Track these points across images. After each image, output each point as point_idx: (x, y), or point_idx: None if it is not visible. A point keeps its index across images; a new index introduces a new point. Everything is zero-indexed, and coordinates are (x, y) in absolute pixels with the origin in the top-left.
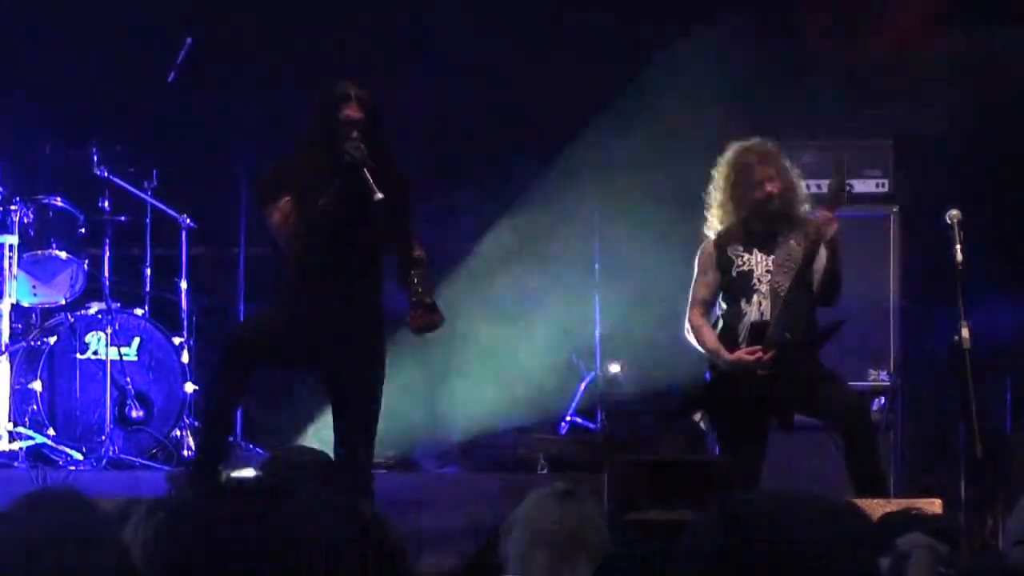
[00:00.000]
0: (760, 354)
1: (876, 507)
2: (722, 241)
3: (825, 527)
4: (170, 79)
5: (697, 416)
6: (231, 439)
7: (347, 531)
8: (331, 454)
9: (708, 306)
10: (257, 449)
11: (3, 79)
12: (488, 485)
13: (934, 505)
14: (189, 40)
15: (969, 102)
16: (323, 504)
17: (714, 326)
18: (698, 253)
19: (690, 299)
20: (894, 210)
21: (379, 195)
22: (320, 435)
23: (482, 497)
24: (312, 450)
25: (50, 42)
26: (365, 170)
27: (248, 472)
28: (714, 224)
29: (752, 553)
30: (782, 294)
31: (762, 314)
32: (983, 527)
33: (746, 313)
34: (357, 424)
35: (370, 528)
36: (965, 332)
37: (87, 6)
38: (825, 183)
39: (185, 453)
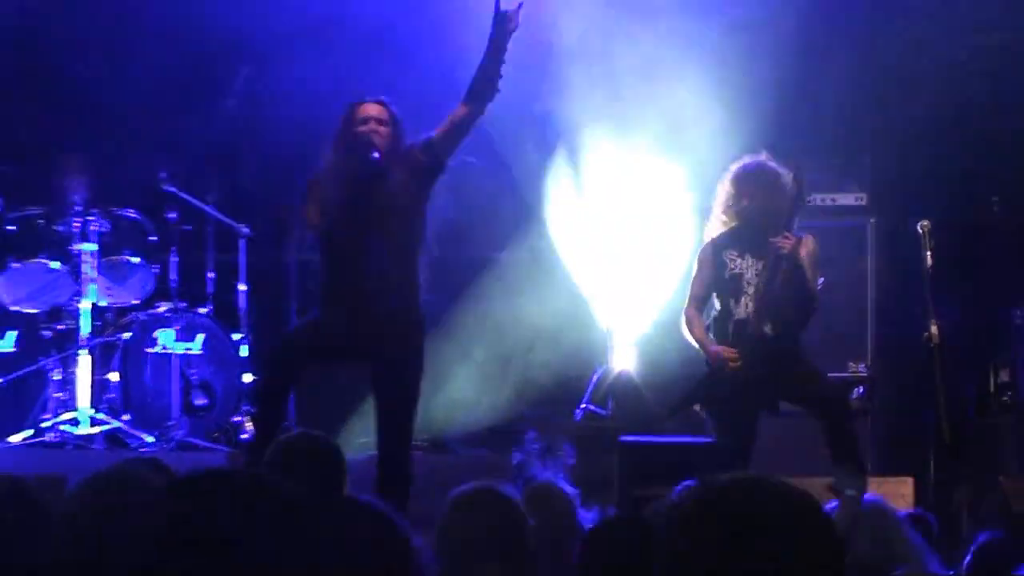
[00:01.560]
0: (734, 353)
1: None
2: (718, 245)
3: (779, 506)
4: (228, 104)
5: (696, 406)
6: (284, 424)
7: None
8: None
9: (702, 301)
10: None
11: (84, 108)
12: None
13: (906, 484)
14: (245, 70)
15: (936, 121)
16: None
17: (713, 322)
18: (698, 253)
19: (688, 294)
20: (871, 221)
21: (376, 154)
22: (363, 422)
23: (506, 476)
24: (314, 436)
25: (125, 75)
26: (373, 150)
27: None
28: (712, 230)
29: (716, 523)
30: (764, 296)
31: (747, 313)
32: (949, 504)
33: (735, 312)
34: (396, 412)
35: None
36: (934, 329)
37: (157, 46)
38: (830, 196)
39: (243, 436)
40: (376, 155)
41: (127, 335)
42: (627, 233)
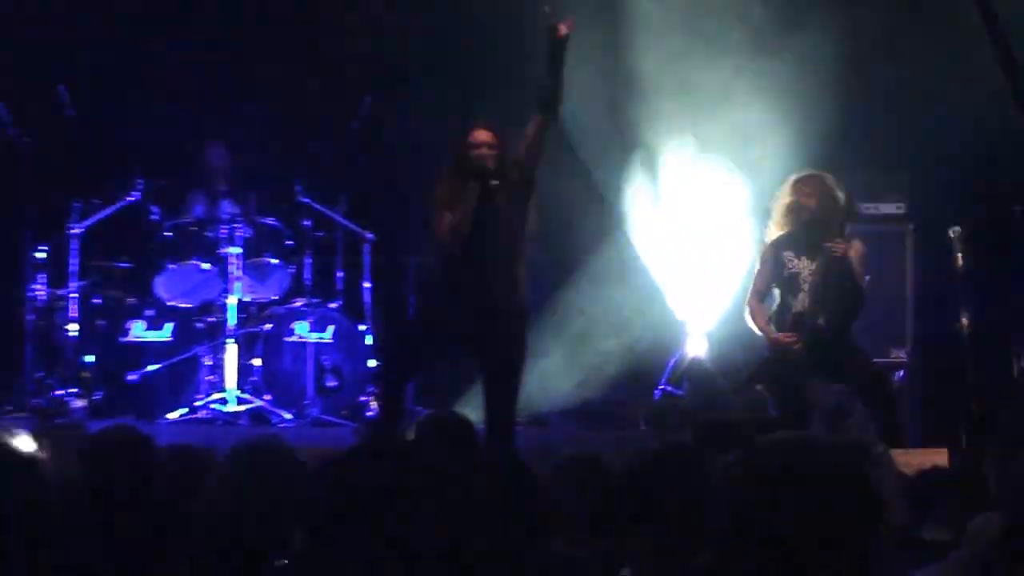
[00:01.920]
0: (794, 339)
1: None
2: (778, 247)
3: (824, 456)
4: (354, 127)
5: (759, 385)
6: (404, 403)
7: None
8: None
9: (763, 295)
10: (422, 410)
11: (230, 129)
12: (603, 437)
13: (942, 454)
14: (368, 98)
15: (965, 140)
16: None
17: (773, 313)
18: (760, 253)
19: (751, 288)
20: (909, 227)
21: (494, 182)
22: (473, 400)
23: (595, 447)
24: (455, 415)
25: (268, 101)
26: (488, 175)
27: None
28: (773, 232)
29: (767, 471)
30: (818, 291)
31: (804, 307)
32: (979, 468)
33: (792, 305)
34: (502, 391)
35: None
36: (964, 321)
37: (295, 78)
38: (874, 205)
39: (368, 414)
40: (493, 181)
41: (268, 326)
42: (697, 235)
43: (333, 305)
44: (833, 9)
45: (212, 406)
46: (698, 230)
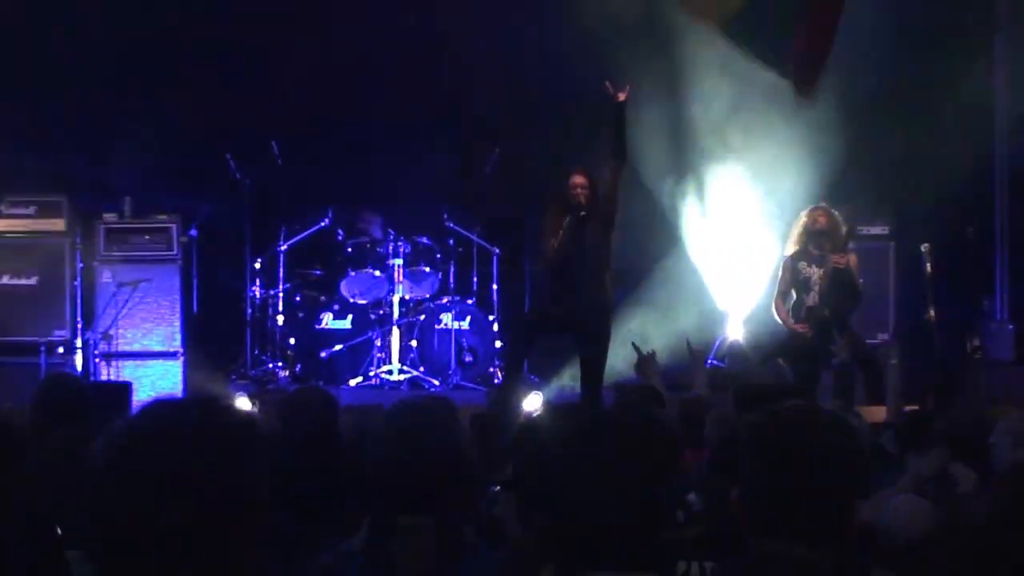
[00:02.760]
0: (806, 327)
1: (876, 412)
2: (795, 258)
3: (831, 425)
4: (487, 171)
5: (780, 360)
6: (521, 373)
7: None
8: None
9: (784, 295)
10: (535, 378)
11: (394, 175)
12: (670, 396)
13: (914, 408)
14: (497, 151)
15: (935, 180)
16: None
17: (792, 308)
18: (781, 263)
19: (775, 290)
20: (892, 244)
21: (584, 213)
22: (571, 372)
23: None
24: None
25: (418, 155)
26: (581, 209)
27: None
28: (791, 248)
29: (778, 431)
30: (825, 292)
31: (814, 303)
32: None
33: (806, 302)
34: (593, 367)
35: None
36: (931, 313)
37: (439, 136)
38: (866, 228)
39: (495, 381)
40: (583, 212)
41: (422, 317)
42: (736, 246)
43: (469, 301)
44: (841, 82)
45: (381, 376)
46: (736, 242)
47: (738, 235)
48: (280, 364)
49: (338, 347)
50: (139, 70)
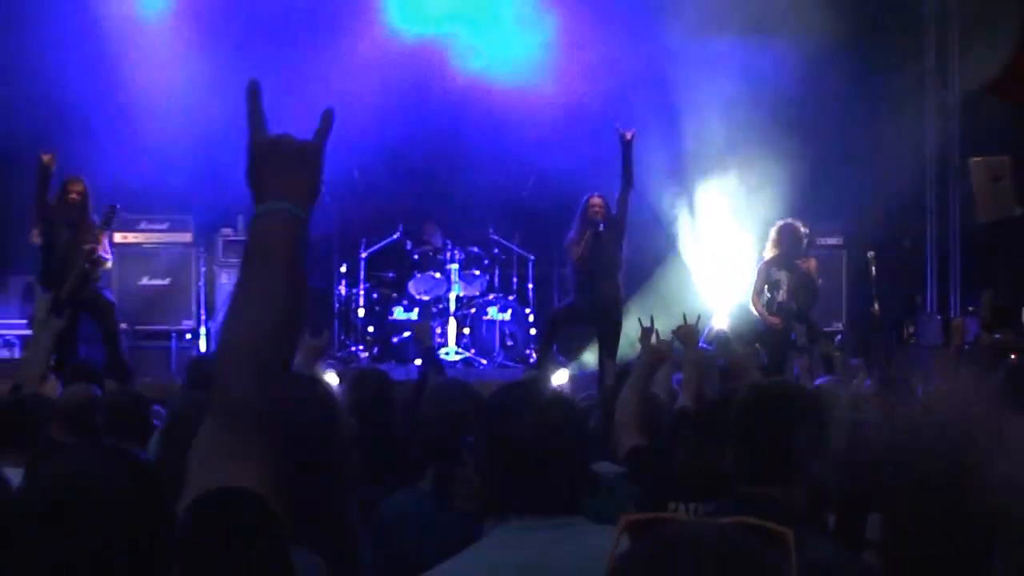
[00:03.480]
0: (778, 319)
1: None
2: (768, 264)
3: (796, 395)
4: (524, 194)
5: (757, 345)
6: (552, 355)
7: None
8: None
9: (759, 292)
10: (563, 360)
11: (455, 195)
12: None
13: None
14: (533, 178)
15: (880, 197)
16: None
17: (765, 303)
18: (758, 267)
19: (753, 288)
20: (844, 252)
21: (601, 228)
22: (591, 351)
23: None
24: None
25: (472, 186)
26: (599, 224)
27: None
28: (766, 254)
29: (746, 406)
30: (792, 291)
31: (783, 300)
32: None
33: (776, 298)
34: (609, 344)
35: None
36: (876, 306)
37: (488, 180)
38: (824, 239)
39: (531, 361)
40: (601, 226)
41: (473, 310)
42: (721, 250)
43: (511, 297)
44: (805, 118)
45: (440, 357)
46: (722, 249)
47: (724, 243)
48: (361, 348)
49: (407, 334)
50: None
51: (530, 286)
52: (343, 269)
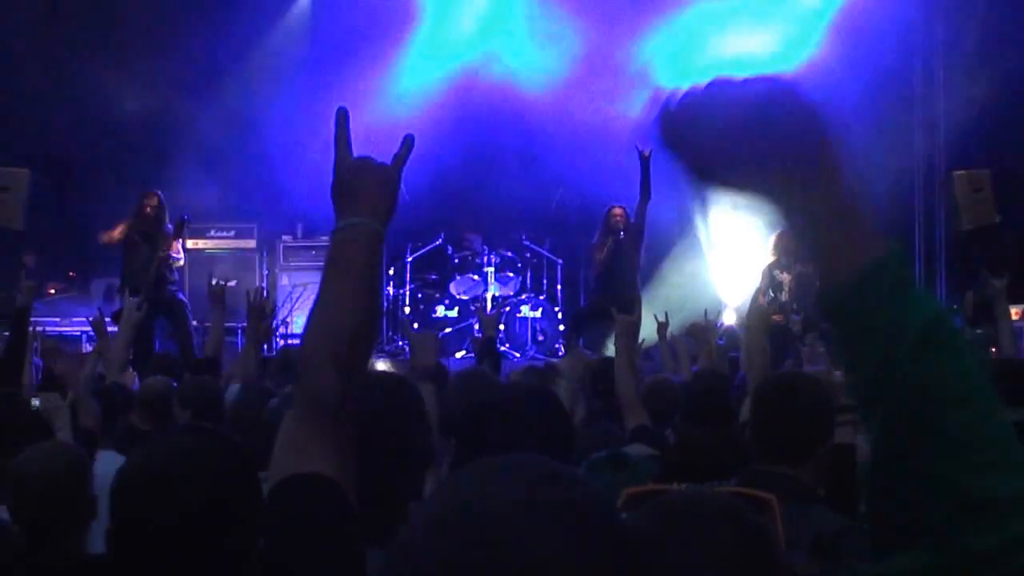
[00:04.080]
0: (780, 316)
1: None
2: (771, 267)
3: (799, 383)
4: (553, 207)
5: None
6: (579, 349)
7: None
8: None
9: (764, 291)
10: (590, 353)
11: (495, 209)
12: None
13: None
14: (561, 190)
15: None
16: None
17: (769, 301)
18: (763, 270)
19: (758, 287)
20: None
21: (622, 235)
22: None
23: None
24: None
25: (501, 200)
26: (620, 232)
27: None
28: (769, 258)
29: (770, 389)
30: (792, 290)
31: (785, 299)
32: None
33: (779, 297)
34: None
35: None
36: None
37: (524, 192)
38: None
39: (559, 353)
40: (621, 234)
41: (507, 308)
42: (734, 251)
43: (541, 297)
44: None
45: (500, 349)
46: (733, 249)
47: (736, 246)
48: (406, 343)
49: (448, 330)
50: (306, 128)
51: (559, 287)
52: (390, 272)
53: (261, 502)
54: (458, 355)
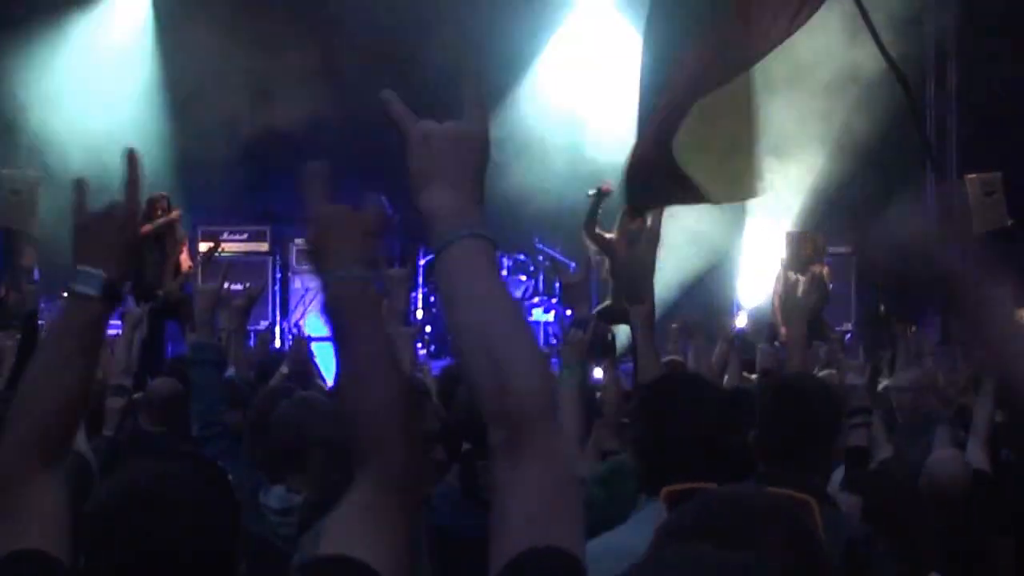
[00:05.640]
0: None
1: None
2: (785, 267)
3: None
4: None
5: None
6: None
7: None
8: None
9: (777, 295)
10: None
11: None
12: None
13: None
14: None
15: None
16: None
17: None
18: (777, 272)
19: (773, 289)
20: (854, 259)
21: (642, 243)
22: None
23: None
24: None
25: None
26: (637, 236)
27: None
28: (783, 260)
29: (777, 391)
30: (805, 293)
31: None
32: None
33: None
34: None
35: None
36: (882, 307)
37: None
38: (835, 247)
39: None
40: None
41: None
42: (753, 255)
43: (553, 300)
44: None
45: None
46: (752, 253)
47: (754, 249)
48: (419, 345)
49: None
50: (322, 135)
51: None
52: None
53: (240, 530)
54: None
